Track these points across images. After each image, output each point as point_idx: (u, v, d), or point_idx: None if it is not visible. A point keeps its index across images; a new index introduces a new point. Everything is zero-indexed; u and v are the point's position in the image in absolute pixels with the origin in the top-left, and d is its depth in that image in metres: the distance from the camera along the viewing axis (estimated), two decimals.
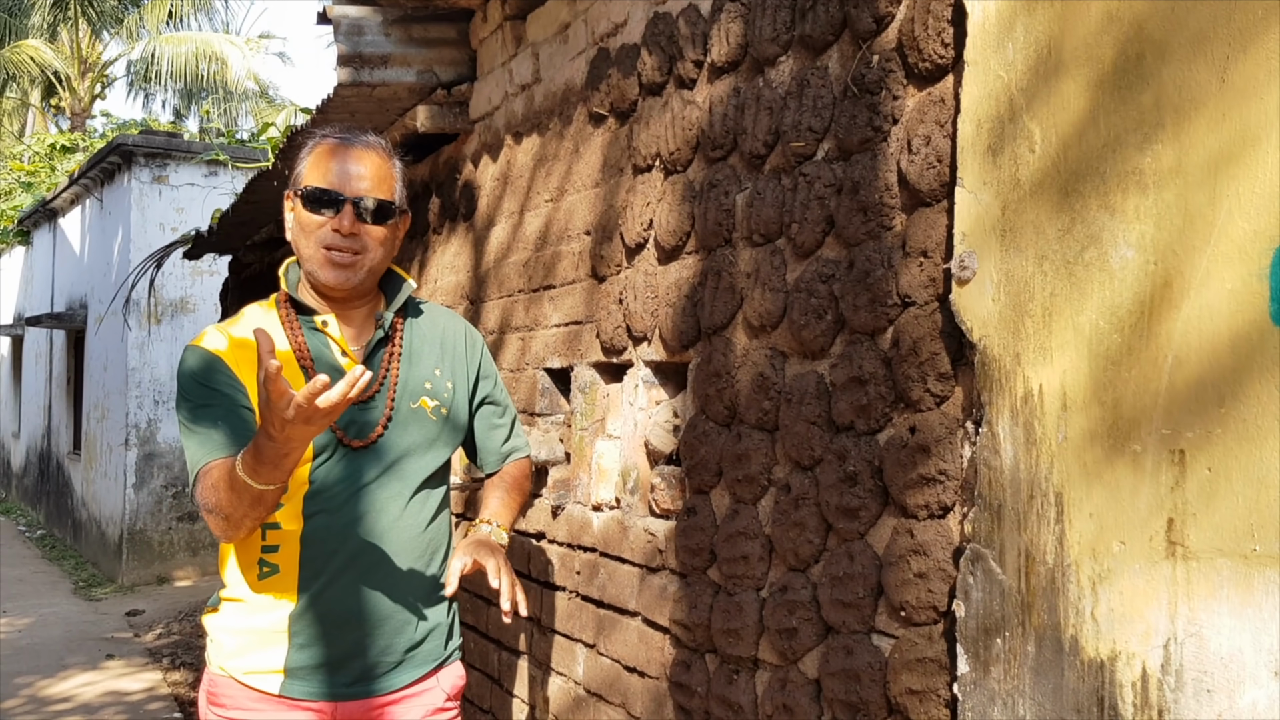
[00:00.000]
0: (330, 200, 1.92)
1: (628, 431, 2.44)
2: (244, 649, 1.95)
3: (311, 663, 1.93)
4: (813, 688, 1.82)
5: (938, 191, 1.60)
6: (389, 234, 1.98)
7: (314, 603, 1.93)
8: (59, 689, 5.98)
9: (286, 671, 1.94)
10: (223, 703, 1.97)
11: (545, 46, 2.91)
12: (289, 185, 2.00)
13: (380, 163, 1.98)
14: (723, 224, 2.09)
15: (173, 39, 18.96)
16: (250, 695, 1.94)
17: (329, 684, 1.94)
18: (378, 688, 1.97)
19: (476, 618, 3.19)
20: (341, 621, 1.94)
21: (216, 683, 1.98)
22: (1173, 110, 1.25)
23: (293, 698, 1.93)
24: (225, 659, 1.96)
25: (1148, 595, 1.26)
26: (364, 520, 1.95)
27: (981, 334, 1.48)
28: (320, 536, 1.93)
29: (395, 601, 1.98)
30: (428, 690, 2.03)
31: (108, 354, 10.82)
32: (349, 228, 1.91)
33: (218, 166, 10.29)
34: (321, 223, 1.92)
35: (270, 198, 5.27)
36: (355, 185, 1.93)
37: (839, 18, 1.81)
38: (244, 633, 1.95)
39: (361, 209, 1.93)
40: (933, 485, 1.58)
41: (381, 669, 1.98)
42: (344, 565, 1.94)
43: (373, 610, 1.96)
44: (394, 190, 1.99)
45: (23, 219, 14.61)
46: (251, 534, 1.91)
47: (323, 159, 1.95)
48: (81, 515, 11.75)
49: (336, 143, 1.97)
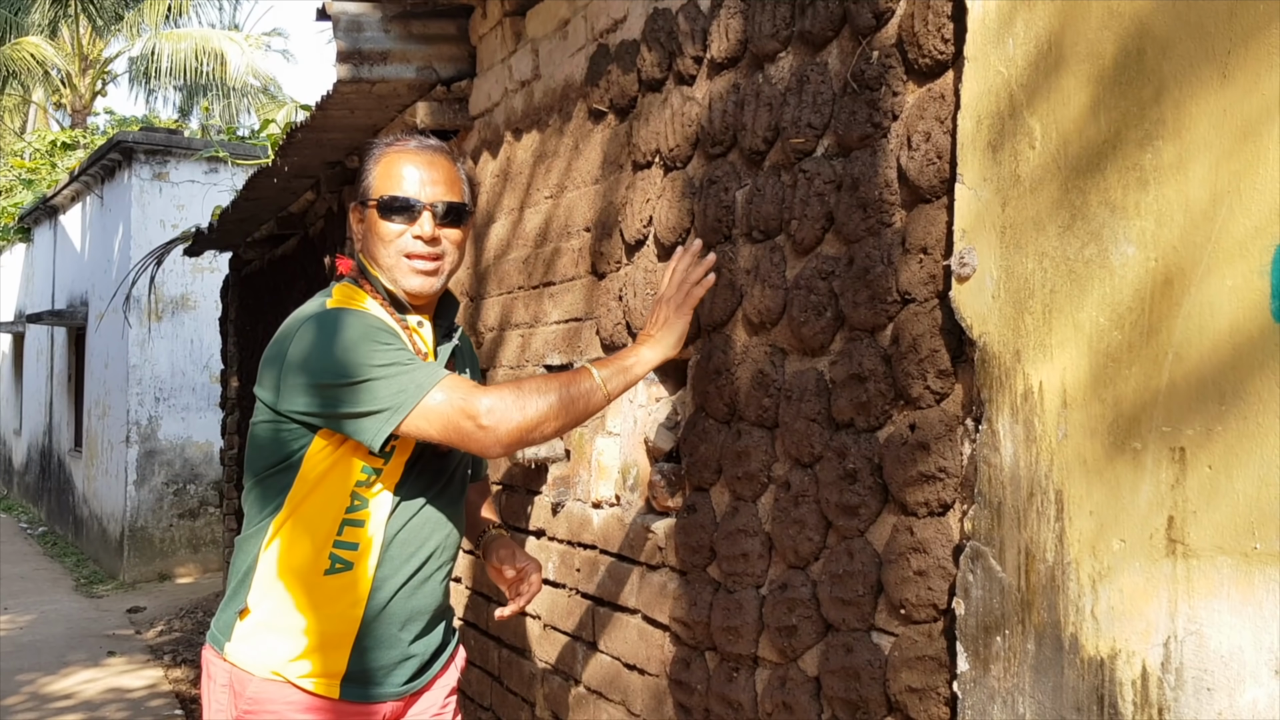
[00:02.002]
0: (407, 207, 1.94)
1: (628, 429, 2.44)
2: (303, 651, 1.87)
3: (373, 665, 1.92)
4: (812, 685, 1.82)
5: (938, 188, 1.60)
6: (464, 236, 2.02)
7: (386, 604, 1.92)
8: (60, 686, 5.99)
9: (347, 675, 1.90)
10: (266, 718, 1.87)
11: (545, 43, 2.91)
12: (356, 196, 2.02)
13: (448, 165, 2.00)
14: (722, 220, 2.09)
15: (172, 35, 18.93)
16: (303, 703, 1.87)
17: (386, 685, 1.95)
18: (419, 682, 2.02)
19: (477, 615, 3.19)
20: (406, 622, 1.96)
21: (263, 690, 1.87)
22: (1174, 106, 1.25)
23: (351, 701, 1.90)
24: (279, 662, 1.87)
25: (1148, 593, 1.26)
26: (439, 523, 1.99)
27: (981, 331, 1.48)
28: (404, 537, 1.93)
29: (445, 599, 2.06)
30: (447, 672, 2.10)
31: (109, 351, 10.82)
32: (431, 233, 1.93)
33: (218, 163, 10.29)
34: (400, 231, 1.94)
35: (270, 194, 5.27)
36: (430, 191, 1.95)
37: (839, 13, 1.81)
38: (301, 633, 1.88)
39: (437, 213, 1.95)
40: (933, 483, 1.58)
41: (425, 664, 2.03)
42: (418, 567, 1.96)
43: (431, 611, 2.01)
44: (463, 192, 2.02)
45: (23, 216, 14.61)
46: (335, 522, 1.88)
47: (393, 167, 1.96)
48: (83, 512, 11.76)
49: (404, 150, 1.99)
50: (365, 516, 1.90)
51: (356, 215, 2.01)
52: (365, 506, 1.89)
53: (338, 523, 1.88)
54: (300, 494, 1.89)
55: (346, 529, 1.89)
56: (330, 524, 1.88)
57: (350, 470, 1.88)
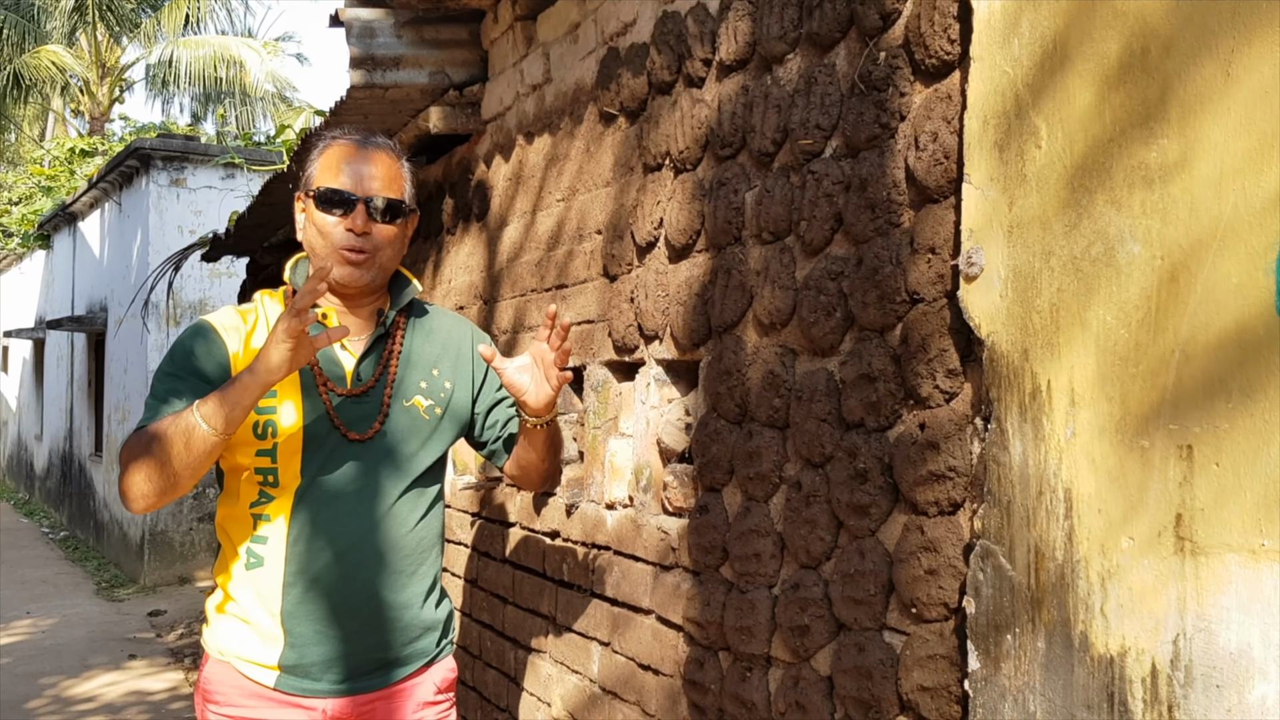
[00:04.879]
0: (343, 200, 1.96)
1: (640, 430, 2.45)
2: (243, 639, 1.97)
3: (303, 661, 1.95)
4: (825, 685, 1.83)
5: (945, 188, 1.60)
6: (399, 232, 2.02)
7: (303, 600, 1.95)
8: (83, 689, 6.04)
9: (281, 667, 1.96)
10: (217, 698, 1.98)
11: (556, 46, 2.92)
12: (300, 187, 2.04)
13: (390, 163, 2.02)
14: (732, 222, 2.10)
15: (191, 42, 19.06)
16: (246, 689, 1.96)
17: (321, 682, 1.96)
18: (368, 685, 1.99)
19: (493, 616, 3.21)
20: (331, 619, 1.95)
21: (214, 670, 1.99)
22: (1178, 105, 1.25)
23: (287, 693, 1.96)
24: (224, 644, 1.99)
25: (1157, 591, 1.26)
26: (355, 516, 1.97)
27: (990, 330, 1.48)
28: (310, 532, 1.95)
29: (385, 599, 1.99)
30: (417, 685, 2.05)
31: (128, 356, 10.90)
32: (362, 226, 1.95)
33: (234, 169, 10.35)
34: (335, 222, 1.96)
35: (286, 200, 5.30)
36: (367, 185, 1.97)
37: (846, 15, 1.81)
38: (242, 622, 1.98)
39: (373, 208, 1.97)
40: (942, 482, 1.58)
41: (371, 666, 1.99)
42: (333, 561, 1.95)
43: (362, 608, 1.97)
44: (404, 189, 2.03)
45: (43, 223, 14.73)
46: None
47: (334, 160, 1.99)
48: (103, 516, 11.84)
49: (347, 144, 2.01)
50: (270, 511, 1.96)
51: (300, 204, 2.04)
52: (270, 501, 1.95)
53: (250, 518, 1.97)
54: (229, 487, 2.01)
55: (260, 523, 1.97)
56: (245, 517, 1.97)
57: (248, 464, 1.95)
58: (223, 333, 2.00)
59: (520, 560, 3.03)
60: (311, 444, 1.94)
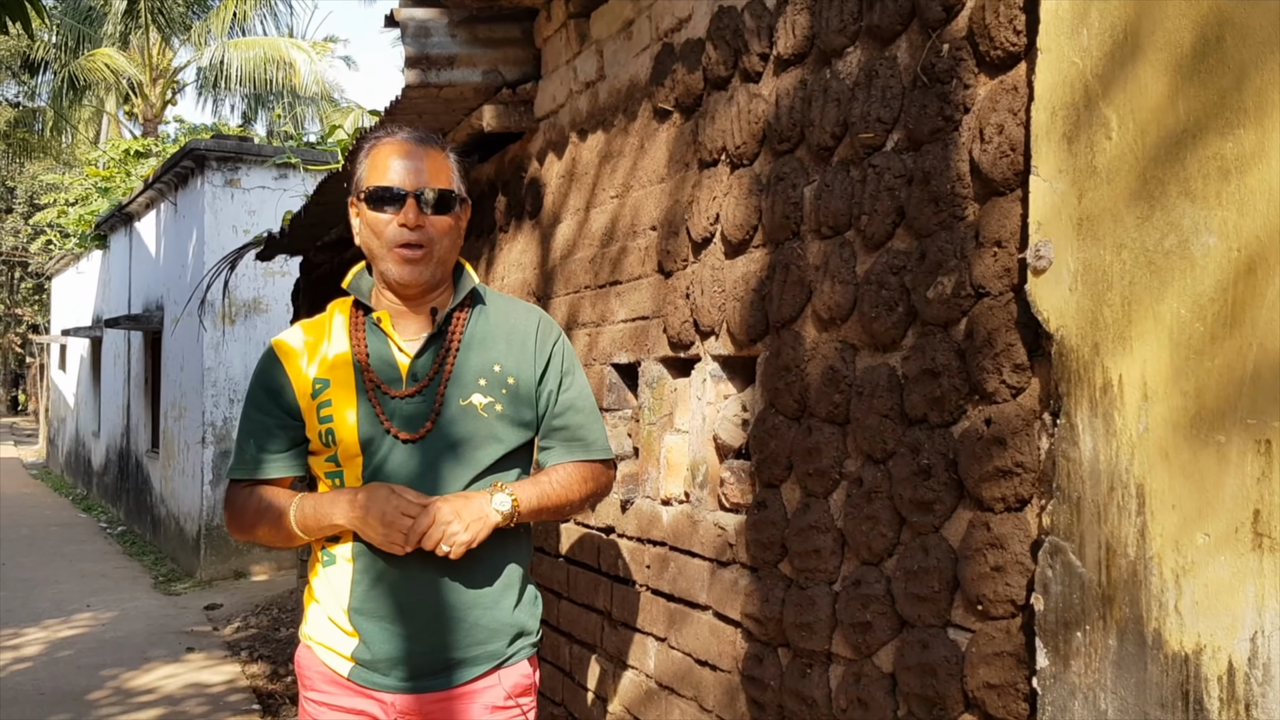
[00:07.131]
0: (393, 196, 1.95)
1: (696, 426, 2.45)
2: (325, 629, 2.03)
3: (372, 656, 1.97)
4: (888, 682, 1.82)
5: (1011, 180, 1.59)
6: (453, 223, 2.01)
7: (368, 597, 1.96)
8: (142, 681, 6.15)
9: (354, 659, 1.99)
10: (305, 681, 2.07)
11: (609, 43, 2.92)
12: (351, 192, 2.04)
13: (436, 155, 2.01)
14: (790, 217, 2.09)
15: (241, 44, 19.30)
16: (327, 675, 2.02)
17: (389, 677, 1.97)
18: (432, 684, 1.98)
19: (547, 612, 3.22)
20: (395, 617, 1.96)
21: (303, 655, 2.08)
22: (1255, 93, 1.23)
23: (357, 684, 1.99)
24: (310, 631, 2.06)
25: (1233, 588, 1.24)
26: None
27: (1059, 324, 1.46)
28: None
29: (447, 600, 1.97)
30: (488, 688, 2.00)
31: (184, 354, 11.07)
32: (415, 220, 1.95)
33: (288, 169, 10.47)
34: (388, 220, 1.96)
35: (339, 199, 5.35)
36: (415, 179, 1.96)
37: (908, 7, 1.80)
38: (323, 613, 2.04)
39: (424, 201, 1.96)
40: (1009, 478, 1.57)
41: (436, 666, 1.97)
42: (396, 561, 1.94)
43: (424, 608, 1.96)
44: (453, 180, 2.01)
45: (100, 223, 15.00)
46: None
47: (380, 159, 1.99)
48: (160, 512, 12.05)
49: (391, 141, 2.01)
50: None
51: (354, 208, 2.04)
52: None
53: None
54: (317, 487, 2.09)
55: None
56: None
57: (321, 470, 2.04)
58: (286, 358, 2.04)
59: (575, 556, 3.04)
60: (368, 447, 1.96)
